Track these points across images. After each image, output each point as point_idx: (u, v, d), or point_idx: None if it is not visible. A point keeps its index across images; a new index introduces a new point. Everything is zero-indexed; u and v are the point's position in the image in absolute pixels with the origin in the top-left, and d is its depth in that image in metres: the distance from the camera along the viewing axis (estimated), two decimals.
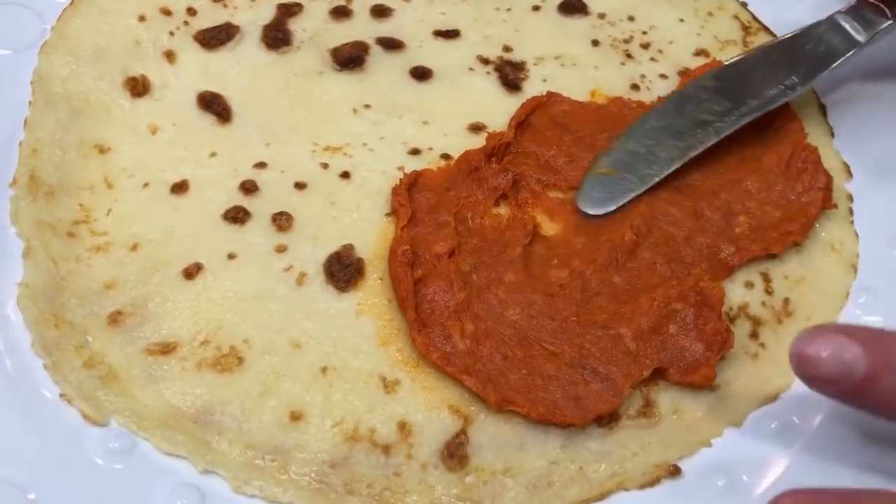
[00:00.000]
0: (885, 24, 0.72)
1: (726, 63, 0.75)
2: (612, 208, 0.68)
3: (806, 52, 0.73)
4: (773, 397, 0.63)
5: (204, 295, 0.63)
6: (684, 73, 0.79)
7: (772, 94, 0.72)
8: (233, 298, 0.63)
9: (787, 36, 0.75)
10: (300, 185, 0.69)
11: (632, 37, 0.81)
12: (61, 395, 0.58)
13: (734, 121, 0.70)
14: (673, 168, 0.69)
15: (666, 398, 0.62)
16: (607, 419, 0.61)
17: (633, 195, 0.69)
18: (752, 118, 0.70)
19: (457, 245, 0.65)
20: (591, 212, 0.68)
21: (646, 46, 0.81)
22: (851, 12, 0.74)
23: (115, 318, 0.62)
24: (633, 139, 0.71)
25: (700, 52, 0.81)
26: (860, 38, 0.72)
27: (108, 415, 0.58)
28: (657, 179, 0.69)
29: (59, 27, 0.73)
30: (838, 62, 0.72)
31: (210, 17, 0.77)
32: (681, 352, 0.62)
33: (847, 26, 0.73)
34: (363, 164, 0.70)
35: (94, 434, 0.57)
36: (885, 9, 0.72)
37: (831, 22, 0.74)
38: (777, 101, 0.71)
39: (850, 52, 0.72)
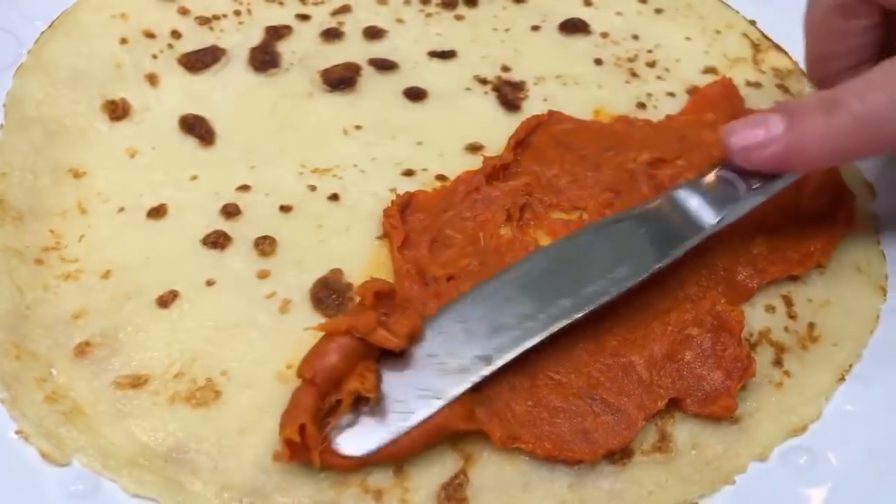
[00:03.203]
0: (740, 202, 0.60)
1: (541, 249, 0.62)
2: (371, 448, 0.53)
3: (640, 237, 0.60)
4: (801, 429, 0.59)
5: (179, 324, 0.59)
6: (693, 91, 0.76)
7: (592, 291, 0.58)
8: (210, 327, 0.59)
9: (616, 216, 0.62)
10: (285, 208, 0.65)
11: (636, 55, 0.78)
12: (18, 432, 0.54)
13: (540, 326, 0.57)
14: (459, 390, 0.54)
15: (683, 431, 0.58)
16: (619, 455, 0.56)
17: (400, 432, 0.54)
18: (563, 323, 0.57)
19: (458, 268, 0.61)
20: (352, 455, 0.53)
21: (652, 65, 0.78)
22: (698, 186, 0.61)
23: (82, 350, 0.58)
24: (414, 349, 0.56)
25: (709, 71, 0.78)
26: (709, 220, 0.60)
27: (71, 453, 0.54)
28: (439, 405, 0.54)
29: (37, 50, 0.72)
30: (680, 251, 0.59)
31: (196, 40, 0.75)
32: (698, 381, 0.58)
33: (693, 205, 0.61)
34: (353, 185, 0.67)
35: (54, 475, 0.53)
36: (742, 178, 0.60)
37: (675, 199, 0.61)
38: (600, 298, 0.58)
39: (696, 239, 0.60)
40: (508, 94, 0.74)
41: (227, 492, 0.53)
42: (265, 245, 0.63)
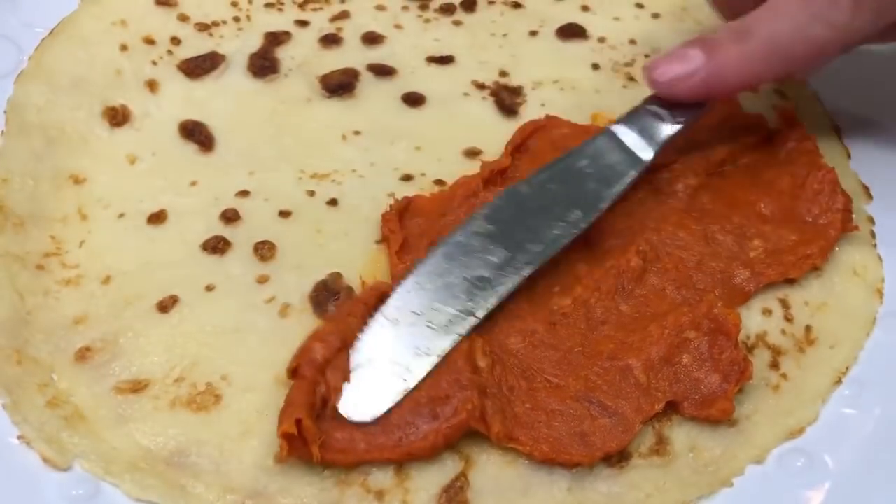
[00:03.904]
0: (669, 133, 0.64)
1: (498, 197, 0.63)
2: (384, 410, 0.55)
3: (585, 178, 0.63)
4: (799, 432, 0.59)
5: (179, 329, 0.59)
6: None
7: (555, 234, 0.61)
8: (210, 332, 0.59)
9: (561, 157, 0.64)
10: (284, 214, 0.66)
11: (634, 60, 0.79)
12: (19, 438, 0.54)
13: (514, 273, 0.59)
14: (450, 345, 0.56)
15: (681, 434, 0.58)
16: (617, 458, 0.56)
17: (402, 392, 0.55)
18: (534, 268, 0.60)
19: None
20: (356, 419, 0.54)
21: None
22: (631, 122, 0.65)
23: (83, 355, 0.58)
24: (399, 309, 0.58)
25: None
26: (645, 155, 0.63)
27: (72, 458, 0.54)
28: (433, 362, 0.56)
29: (37, 56, 0.72)
30: (624, 186, 0.63)
31: (195, 46, 0.76)
32: (695, 384, 0.58)
33: (628, 141, 0.64)
34: (352, 190, 0.67)
35: (55, 480, 0.53)
36: (668, 112, 0.64)
37: (609, 137, 0.64)
38: (561, 242, 0.60)
39: (636, 173, 0.63)
40: (506, 99, 0.74)
41: (229, 494, 0.54)
42: (264, 250, 0.63)
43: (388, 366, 0.56)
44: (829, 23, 0.59)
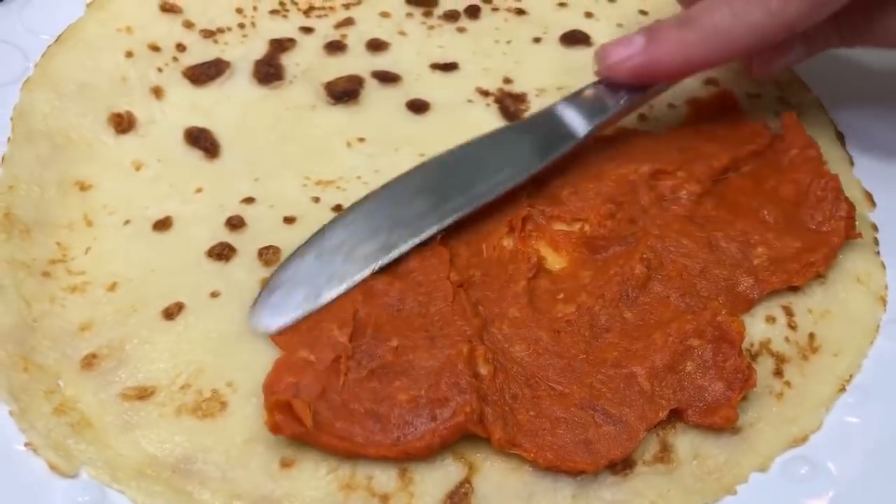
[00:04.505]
0: (608, 114, 0.67)
1: (436, 156, 0.67)
2: (282, 323, 0.59)
3: (522, 145, 0.67)
4: (802, 439, 0.59)
5: (184, 336, 0.59)
6: (693, 103, 0.76)
7: (480, 190, 0.65)
8: (216, 339, 0.59)
9: (504, 127, 0.70)
10: (289, 220, 0.66)
11: None
12: (26, 445, 0.54)
13: (436, 219, 0.63)
14: (365, 272, 0.61)
15: (685, 442, 0.58)
16: (621, 466, 0.56)
17: (313, 307, 0.60)
18: (455, 217, 0.63)
19: (462, 279, 0.62)
20: (261, 328, 0.59)
21: None
22: (571, 101, 0.68)
23: (89, 362, 0.58)
24: (323, 240, 0.63)
25: (709, 82, 0.78)
26: (581, 130, 0.67)
27: (79, 465, 0.54)
28: (345, 286, 0.61)
29: (43, 63, 0.72)
30: (555, 156, 0.66)
31: (200, 53, 0.76)
32: (699, 391, 0.58)
33: (568, 118, 0.68)
34: (357, 197, 0.67)
35: (62, 486, 0.53)
36: (612, 94, 0.68)
37: (552, 112, 0.68)
38: (485, 197, 0.64)
39: (569, 145, 0.67)
40: (510, 105, 0.75)
41: (235, 501, 0.54)
42: (269, 254, 0.63)
43: (301, 287, 0.60)
44: (767, 9, 0.61)
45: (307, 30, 0.79)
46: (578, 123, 0.67)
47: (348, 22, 0.80)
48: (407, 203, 0.64)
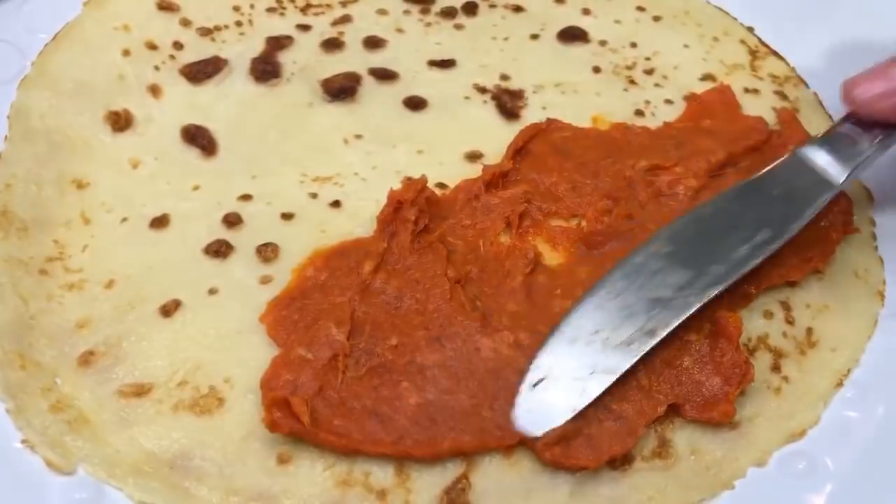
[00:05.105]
0: (865, 156, 0.62)
1: (681, 218, 0.63)
2: (553, 426, 0.55)
3: (772, 200, 0.62)
4: (800, 434, 0.59)
5: (182, 333, 0.60)
6: (691, 98, 0.76)
7: (740, 256, 0.60)
8: (213, 336, 0.60)
9: (749, 180, 0.64)
10: (287, 216, 0.66)
11: (635, 63, 0.79)
12: (23, 442, 0.54)
13: (697, 294, 0.58)
14: (628, 364, 0.57)
15: (682, 437, 0.58)
16: (620, 461, 0.57)
17: (578, 409, 0.56)
18: (718, 290, 0.59)
19: (459, 275, 0.62)
20: (533, 434, 0.55)
21: (650, 72, 0.78)
22: (823, 143, 0.64)
23: (86, 359, 0.58)
24: (577, 328, 0.58)
25: (707, 77, 0.78)
26: (838, 176, 0.62)
27: (76, 462, 0.54)
28: (611, 381, 0.57)
29: (40, 62, 0.72)
30: (815, 208, 0.61)
31: (197, 51, 0.76)
32: (697, 386, 0.58)
33: (821, 162, 0.62)
34: (355, 193, 0.67)
35: (59, 483, 0.53)
36: (864, 134, 0.62)
37: (801, 158, 0.64)
38: (747, 264, 0.59)
39: (828, 196, 0.62)
40: (507, 102, 0.74)
41: (232, 497, 0.54)
42: (268, 251, 0.63)
43: (565, 382, 0.56)
44: None
45: (304, 27, 0.79)
46: (834, 169, 0.62)
47: (345, 19, 0.80)
48: (660, 277, 0.59)
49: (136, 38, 0.75)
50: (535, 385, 0.56)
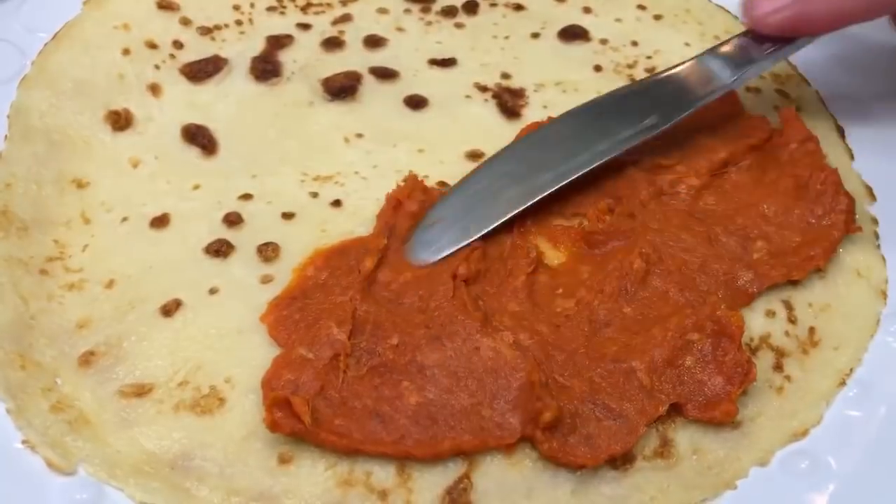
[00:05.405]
0: (756, 63, 0.68)
1: (580, 106, 0.70)
2: (440, 256, 0.62)
3: (668, 94, 0.68)
4: (802, 434, 0.59)
5: (183, 332, 0.59)
6: None
7: (626, 135, 0.66)
8: (214, 335, 0.59)
9: (644, 79, 0.72)
10: (287, 216, 0.66)
11: (636, 61, 0.79)
12: (24, 442, 0.54)
13: (580, 166, 0.65)
14: (512, 213, 0.64)
15: (684, 437, 0.58)
16: (621, 460, 0.56)
17: (464, 243, 0.63)
18: (601, 161, 0.66)
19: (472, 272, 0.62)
20: (417, 262, 0.62)
21: (651, 71, 0.78)
22: (717, 50, 0.69)
23: (87, 359, 0.58)
24: (470, 184, 0.66)
25: None
26: (728, 78, 0.68)
27: (77, 462, 0.54)
28: (493, 225, 0.64)
29: (40, 61, 0.72)
30: (703, 102, 0.68)
31: (197, 50, 0.76)
32: (699, 386, 0.58)
33: (714, 67, 0.69)
34: (355, 192, 0.67)
35: (59, 483, 0.53)
36: (758, 45, 0.68)
37: (697, 63, 0.69)
38: (631, 141, 0.66)
39: (717, 92, 0.68)
40: (508, 101, 0.74)
41: (233, 497, 0.54)
42: (268, 251, 0.63)
43: (452, 224, 0.63)
44: None
45: (304, 26, 0.79)
46: (725, 73, 0.68)
47: (346, 18, 0.80)
48: (551, 149, 0.67)
49: (136, 37, 0.75)
50: (430, 227, 0.63)
